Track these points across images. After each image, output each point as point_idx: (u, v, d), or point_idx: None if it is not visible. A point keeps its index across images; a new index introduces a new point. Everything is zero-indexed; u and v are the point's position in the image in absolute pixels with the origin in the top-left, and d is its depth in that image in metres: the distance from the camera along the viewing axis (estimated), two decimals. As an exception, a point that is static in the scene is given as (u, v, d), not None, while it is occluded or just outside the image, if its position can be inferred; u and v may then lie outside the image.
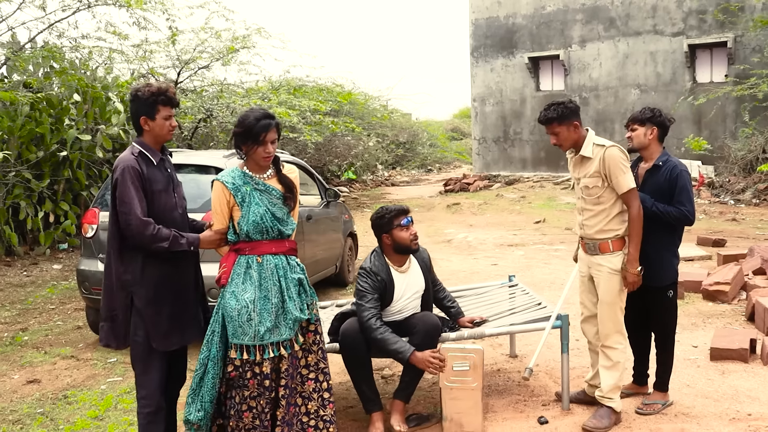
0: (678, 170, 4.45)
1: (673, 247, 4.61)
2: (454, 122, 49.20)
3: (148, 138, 3.74)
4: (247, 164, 3.80)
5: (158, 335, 3.68)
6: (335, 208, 8.96)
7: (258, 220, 3.67)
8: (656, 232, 4.47)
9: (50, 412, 5.12)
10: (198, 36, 15.11)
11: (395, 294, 4.55)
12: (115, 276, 3.66)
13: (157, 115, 3.68)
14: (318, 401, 3.87)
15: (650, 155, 4.61)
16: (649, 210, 4.40)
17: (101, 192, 6.85)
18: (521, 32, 22.69)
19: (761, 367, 5.38)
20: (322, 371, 3.90)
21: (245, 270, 3.70)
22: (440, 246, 12.58)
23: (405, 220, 4.53)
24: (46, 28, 12.91)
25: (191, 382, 3.77)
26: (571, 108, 4.39)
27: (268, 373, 3.66)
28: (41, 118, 11.07)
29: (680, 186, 4.43)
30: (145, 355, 3.71)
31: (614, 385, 4.44)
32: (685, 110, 19.42)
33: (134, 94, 3.70)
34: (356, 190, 23.76)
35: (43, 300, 8.80)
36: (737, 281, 7.45)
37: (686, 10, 19.93)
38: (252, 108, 3.88)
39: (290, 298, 3.69)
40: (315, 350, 3.89)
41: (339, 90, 19.57)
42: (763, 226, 13.17)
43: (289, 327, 3.68)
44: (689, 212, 4.43)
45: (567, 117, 4.36)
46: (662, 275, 4.54)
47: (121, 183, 3.57)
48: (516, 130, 23.13)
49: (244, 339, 3.62)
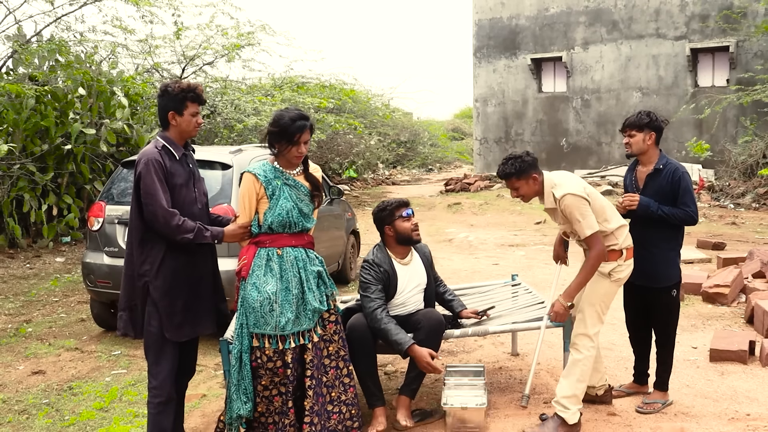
0: (680, 173, 4.52)
1: (678, 247, 4.69)
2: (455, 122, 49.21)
3: (174, 133, 3.82)
4: (278, 160, 3.90)
5: (172, 326, 3.74)
6: (338, 206, 9.01)
7: (284, 215, 3.80)
8: (662, 232, 4.58)
9: (56, 403, 5.17)
10: (203, 32, 15.17)
11: (398, 286, 4.60)
12: (135, 266, 3.72)
13: (185, 111, 3.76)
14: (339, 388, 4.03)
15: (649, 159, 4.64)
16: (655, 214, 4.49)
17: (107, 186, 6.89)
18: (524, 33, 22.74)
19: (760, 368, 5.43)
20: (343, 359, 4.05)
21: (266, 262, 3.81)
22: (441, 245, 12.63)
23: (406, 212, 4.60)
24: (53, 22, 12.94)
25: (230, 378, 3.85)
26: (528, 162, 4.31)
27: (289, 362, 3.77)
28: (46, 111, 11.10)
29: (683, 188, 4.50)
30: (158, 346, 3.77)
31: (572, 394, 4.32)
32: (686, 114, 19.48)
33: (164, 89, 3.78)
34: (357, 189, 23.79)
35: (47, 292, 8.85)
36: (737, 284, 7.50)
37: (689, 14, 19.99)
38: (287, 108, 3.99)
39: (310, 290, 3.82)
40: (336, 339, 4.04)
41: (341, 87, 19.61)
42: (762, 230, 13.22)
43: (308, 318, 3.80)
44: (694, 212, 4.52)
45: (525, 171, 4.29)
46: (669, 274, 4.62)
47: (145, 175, 3.64)
48: (517, 131, 23.18)
49: (266, 329, 3.75)
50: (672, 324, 4.74)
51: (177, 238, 3.66)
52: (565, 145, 22.44)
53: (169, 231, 3.64)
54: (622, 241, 4.37)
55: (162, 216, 3.61)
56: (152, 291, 3.71)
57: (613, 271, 4.37)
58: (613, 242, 4.36)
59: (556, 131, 22.59)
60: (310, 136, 3.87)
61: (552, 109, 22.61)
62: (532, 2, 22.51)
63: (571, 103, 22.23)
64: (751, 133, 17.72)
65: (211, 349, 6.04)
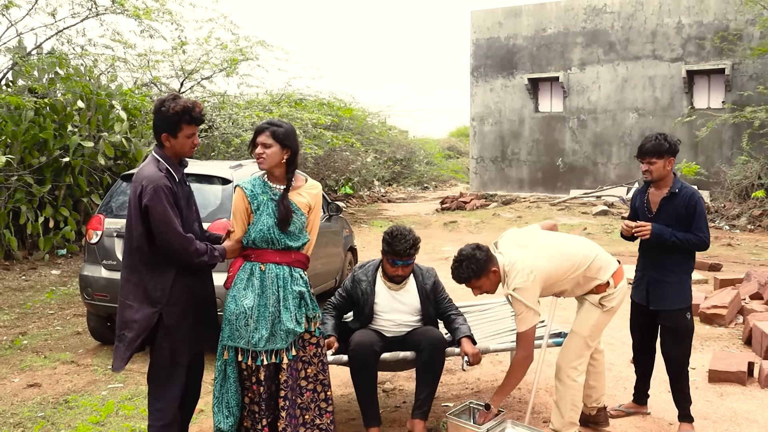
0: (696, 198, 4.50)
1: (690, 270, 4.67)
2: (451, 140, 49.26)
3: (169, 152, 3.70)
4: (268, 174, 3.86)
5: (183, 347, 3.69)
6: (337, 223, 9.00)
7: (265, 231, 3.73)
8: (674, 256, 4.55)
9: (51, 417, 5.12)
10: (202, 47, 15.20)
11: (377, 307, 4.61)
12: (143, 293, 3.62)
13: (179, 133, 3.62)
14: (315, 411, 3.92)
15: (665, 183, 4.60)
16: (668, 241, 4.47)
17: (106, 199, 6.87)
18: (521, 53, 22.88)
19: (759, 390, 5.44)
20: (321, 382, 3.94)
21: (248, 276, 3.76)
22: (437, 263, 12.59)
23: (394, 261, 4.52)
24: (54, 35, 12.97)
25: (213, 391, 3.79)
26: (482, 258, 4.14)
27: (262, 380, 3.70)
28: (45, 123, 11.08)
29: (699, 212, 4.48)
30: (170, 368, 3.70)
31: (567, 422, 4.36)
32: (682, 135, 19.58)
33: (158, 107, 3.61)
34: (353, 206, 23.79)
35: (42, 305, 8.80)
36: (734, 305, 7.52)
37: (685, 36, 20.15)
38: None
39: (287, 309, 3.72)
40: (315, 362, 3.93)
41: (339, 105, 19.66)
42: (758, 252, 13.26)
43: (282, 338, 3.71)
44: (707, 238, 4.49)
45: (483, 268, 4.14)
46: (684, 296, 4.59)
47: (156, 203, 3.50)
48: (514, 150, 23.26)
49: (240, 342, 3.68)
50: (686, 349, 4.65)
51: (194, 262, 3.60)
52: (561, 164, 22.53)
53: (186, 257, 3.57)
54: (603, 274, 4.26)
55: (179, 244, 3.53)
56: (166, 318, 3.61)
57: (603, 300, 4.29)
58: (594, 281, 4.26)
59: (553, 151, 22.68)
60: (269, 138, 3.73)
61: (548, 128, 22.71)
62: (529, 23, 22.67)
63: (568, 123, 22.33)
64: (746, 155, 17.81)
65: (210, 365, 6.01)
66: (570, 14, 21.98)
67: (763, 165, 17.62)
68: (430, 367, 4.41)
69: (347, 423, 4.88)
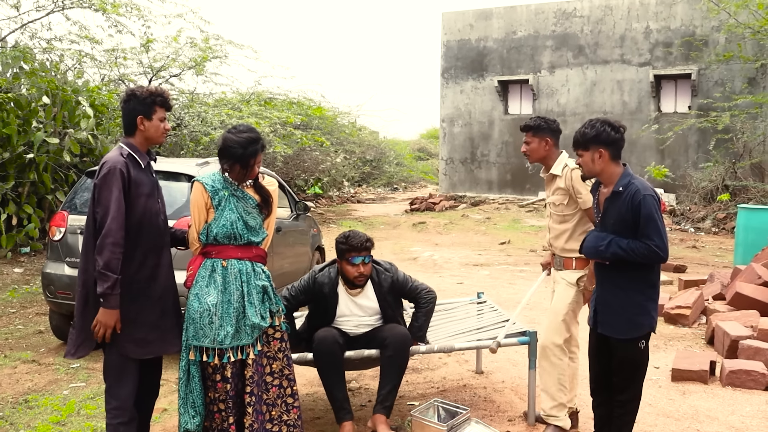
0: (641, 195, 3.56)
1: (650, 289, 3.72)
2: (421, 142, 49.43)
3: (139, 139, 3.67)
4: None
5: (133, 344, 3.61)
6: (304, 222, 8.96)
7: (228, 226, 3.70)
8: (625, 270, 3.68)
9: (10, 417, 5.02)
10: (171, 45, 15.06)
11: (339, 310, 4.62)
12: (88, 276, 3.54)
13: (154, 115, 3.65)
14: (282, 407, 3.89)
15: (609, 179, 3.76)
16: (605, 253, 3.65)
17: (70, 195, 6.77)
18: (492, 56, 22.99)
19: (720, 388, 5.51)
20: (287, 377, 3.92)
21: (210, 273, 3.71)
22: (406, 263, 12.62)
23: (354, 259, 4.52)
24: (19, 28, 12.75)
25: (178, 391, 3.74)
26: (550, 127, 4.70)
27: (229, 377, 3.67)
28: (8, 119, 10.88)
29: (645, 214, 3.54)
30: (121, 365, 3.63)
31: (557, 403, 4.43)
32: (649, 139, 19.84)
33: (130, 93, 3.65)
34: (322, 206, 23.74)
35: (4, 303, 8.64)
36: (698, 305, 7.62)
37: (653, 41, 20.40)
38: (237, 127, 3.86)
39: (251, 304, 3.70)
40: (280, 357, 3.90)
41: (309, 104, 19.60)
42: (721, 254, 13.47)
43: (248, 333, 3.69)
44: (659, 247, 3.53)
45: (542, 131, 4.76)
46: (636, 323, 3.69)
47: (103, 185, 3.47)
48: (483, 152, 23.36)
49: (205, 341, 3.63)
50: (636, 390, 3.81)
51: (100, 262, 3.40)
52: (530, 167, 22.57)
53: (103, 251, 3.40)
54: None
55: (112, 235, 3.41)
56: None
57: (580, 280, 4.38)
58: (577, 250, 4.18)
59: (521, 153, 22.76)
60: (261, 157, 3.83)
61: (518, 131, 22.63)
62: (500, 25, 22.79)
63: (537, 126, 22.44)
64: (715, 160, 18.09)
65: (173, 364, 5.94)
66: (540, 17, 22.14)
67: (727, 169, 17.92)
68: (395, 362, 4.40)
69: (312, 422, 4.85)
